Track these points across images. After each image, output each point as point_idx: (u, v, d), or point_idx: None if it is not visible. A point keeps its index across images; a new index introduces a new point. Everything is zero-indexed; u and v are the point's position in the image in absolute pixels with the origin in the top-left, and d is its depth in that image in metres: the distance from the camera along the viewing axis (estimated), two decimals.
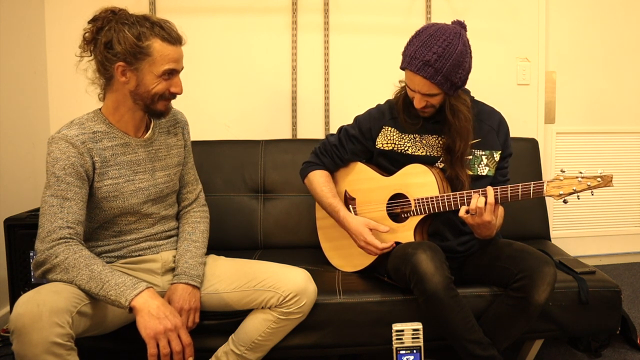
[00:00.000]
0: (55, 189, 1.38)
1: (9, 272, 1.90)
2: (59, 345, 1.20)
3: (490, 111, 1.78)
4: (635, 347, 1.99)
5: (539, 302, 1.51)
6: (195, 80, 2.49)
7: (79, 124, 1.46)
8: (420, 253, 1.52)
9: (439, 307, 1.50)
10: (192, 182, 1.74)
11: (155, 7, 2.45)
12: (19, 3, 2.29)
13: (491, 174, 1.73)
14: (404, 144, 1.74)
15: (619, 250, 2.98)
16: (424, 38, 1.57)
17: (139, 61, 1.40)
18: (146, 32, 1.39)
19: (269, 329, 1.53)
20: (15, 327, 1.18)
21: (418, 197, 1.68)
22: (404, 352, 1.51)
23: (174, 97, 1.50)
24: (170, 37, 1.42)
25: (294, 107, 2.57)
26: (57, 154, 1.39)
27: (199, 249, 1.62)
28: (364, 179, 1.82)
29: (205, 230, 1.69)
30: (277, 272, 1.56)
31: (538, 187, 1.54)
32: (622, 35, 2.83)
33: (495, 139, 1.74)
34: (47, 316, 1.19)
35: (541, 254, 1.59)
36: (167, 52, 1.41)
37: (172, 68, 1.43)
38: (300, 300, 1.53)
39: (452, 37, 1.56)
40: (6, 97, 2.20)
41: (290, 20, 2.53)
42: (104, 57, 1.41)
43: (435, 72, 1.55)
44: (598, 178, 1.49)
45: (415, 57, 1.56)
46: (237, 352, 1.56)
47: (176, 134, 1.66)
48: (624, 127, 2.90)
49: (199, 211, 1.72)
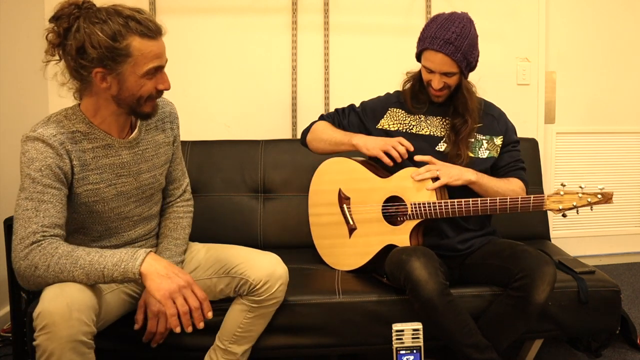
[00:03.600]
0: (30, 192, 1.26)
1: (9, 272, 1.89)
2: (83, 344, 1.20)
3: (490, 103, 1.87)
4: (635, 347, 1.99)
5: (539, 302, 1.51)
6: (195, 80, 2.49)
7: (56, 121, 1.34)
8: (413, 260, 1.52)
9: (434, 313, 1.50)
10: (180, 177, 1.67)
11: (155, 7, 2.45)
12: (19, 3, 2.29)
13: (492, 155, 1.78)
14: (409, 123, 1.80)
15: (619, 250, 2.98)
16: (441, 21, 1.67)
17: (119, 64, 1.27)
18: (121, 30, 1.25)
19: (246, 319, 1.52)
20: (46, 323, 1.17)
21: (415, 202, 1.68)
22: (404, 352, 1.51)
23: (162, 94, 1.41)
24: (149, 30, 1.28)
25: (294, 107, 2.57)
26: (33, 154, 1.28)
27: (179, 246, 1.58)
28: (359, 179, 1.82)
29: (187, 225, 1.65)
30: (247, 258, 1.53)
31: (538, 201, 1.57)
32: (622, 35, 2.82)
33: (495, 126, 1.81)
34: (77, 314, 1.18)
35: (541, 254, 1.59)
36: (148, 49, 1.28)
37: (157, 65, 1.32)
38: (271, 287, 1.49)
39: (466, 20, 1.68)
40: (6, 97, 2.20)
41: (290, 20, 2.53)
42: (77, 64, 1.27)
43: (456, 50, 1.64)
44: (599, 194, 1.53)
45: (436, 37, 1.65)
46: (221, 347, 1.54)
47: (164, 130, 1.56)
48: (624, 127, 2.90)
49: (183, 206, 1.67)
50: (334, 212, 1.86)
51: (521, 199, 1.59)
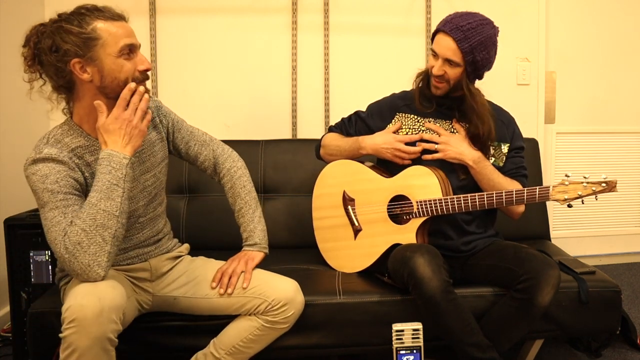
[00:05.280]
0: (53, 202, 1.26)
1: (9, 272, 1.90)
2: (110, 341, 1.21)
3: (499, 108, 1.86)
4: (635, 347, 1.99)
5: (543, 305, 1.51)
6: (195, 80, 2.49)
7: (54, 142, 1.35)
8: (417, 257, 1.52)
9: (436, 310, 1.50)
10: (201, 149, 1.67)
11: (155, 7, 2.45)
12: (19, 3, 2.29)
13: (497, 164, 1.76)
14: (419, 128, 1.79)
15: (619, 250, 2.98)
16: (463, 13, 1.69)
17: (91, 49, 1.30)
18: (85, 18, 1.31)
19: (252, 336, 1.51)
20: (77, 317, 1.17)
21: (420, 199, 1.68)
22: (404, 352, 1.52)
23: (146, 76, 1.41)
24: (111, 14, 1.34)
25: (294, 107, 2.57)
26: (46, 171, 1.28)
27: (250, 206, 1.66)
28: (363, 180, 1.82)
29: (241, 185, 1.67)
30: (267, 280, 1.55)
31: (544, 192, 1.56)
32: (622, 35, 2.83)
33: (504, 133, 1.80)
34: (107, 312, 1.19)
35: (546, 257, 1.59)
36: (114, 30, 1.32)
37: (129, 43, 1.34)
38: (288, 310, 1.51)
39: (488, 22, 1.69)
40: (6, 97, 2.20)
41: (290, 20, 2.53)
42: (55, 62, 1.31)
43: (465, 38, 1.63)
44: (603, 183, 1.52)
45: (450, 22, 1.66)
46: (216, 356, 1.53)
47: (155, 126, 1.58)
48: (624, 127, 2.90)
49: (224, 168, 1.68)
50: (338, 214, 1.86)
51: (527, 190, 1.59)
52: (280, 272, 1.61)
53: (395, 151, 1.75)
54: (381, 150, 1.77)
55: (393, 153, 1.75)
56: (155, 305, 1.56)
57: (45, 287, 1.84)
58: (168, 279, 1.58)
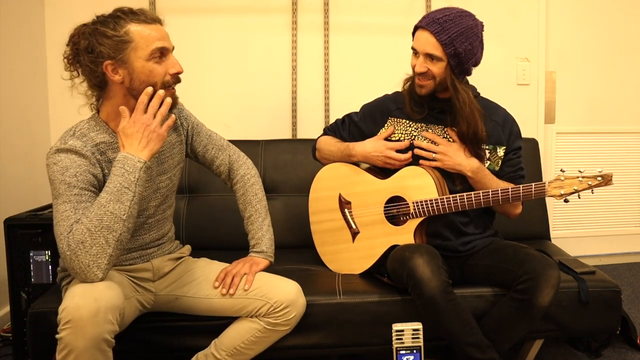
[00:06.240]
0: (67, 195, 1.28)
1: (9, 272, 1.90)
2: (106, 342, 1.21)
3: (495, 107, 1.80)
4: (635, 347, 1.99)
5: (542, 305, 1.50)
6: (195, 80, 2.49)
7: (80, 135, 1.38)
8: (417, 257, 1.51)
9: (436, 311, 1.50)
10: (218, 153, 1.69)
11: (155, 7, 2.45)
12: (19, 3, 2.29)
13: (492, 167, 1.73)
14: (411, 133, 1.77)
15: (619, 250, 2.98)
16: (442, 7, 1.67)
17: (122, 51, 1.33)
18: (120, 21, 1.34)
19: (254, 337, 1.52)
20: (72, 317, 1.18)
21: (416, 200, 1.67)
22: (404, 352, 1.51)
23: (178, 80, 1.43)
24: (146, 17, 1.37)
25: (294, 107, 2.57)
26: (67, 162, 1.31)
27: (260, 214, 1.66)
28: (358, 182, 1.81)
29: (253, 192, 1.68)
30: (269, 282, 1.55)
31: (540, 188, 1.55)
32: (622, 35, 2.83)
33: (500, 134, 1.75)
34: (104, 312, 1.19)
35: (546, 257, 1.59)
36: (147, 32, 1.35)
37: (160, 46, 1.36)
38: (290, 313, 1.51)
39: (467, 14, 1.65)
40: (6, 97, 2.20)
41: (290, 20, 2.53)
42: (90, 62, 1.34)
43: (442, 30, 1.59)
44: (598, 177, 1.51)
45: (427, 17, 1.65)
46: (217, 356, 1.53)
47: (176, 128, 1.60)
48: (624, 127, 2.90)
49: (238, 175, 1.69)
50: (335, 217, 1.86)
51: (523, 187, 1.57)
52: (280, 272, 1.62)
53: (385, 158, 1.73)
54: (371, 157, 1.76)
55: (383, 160, 1.74)
56: (156, 304, 1.56)
57: (45, 287, 1.84)
58: (170, 278, 1.58)
